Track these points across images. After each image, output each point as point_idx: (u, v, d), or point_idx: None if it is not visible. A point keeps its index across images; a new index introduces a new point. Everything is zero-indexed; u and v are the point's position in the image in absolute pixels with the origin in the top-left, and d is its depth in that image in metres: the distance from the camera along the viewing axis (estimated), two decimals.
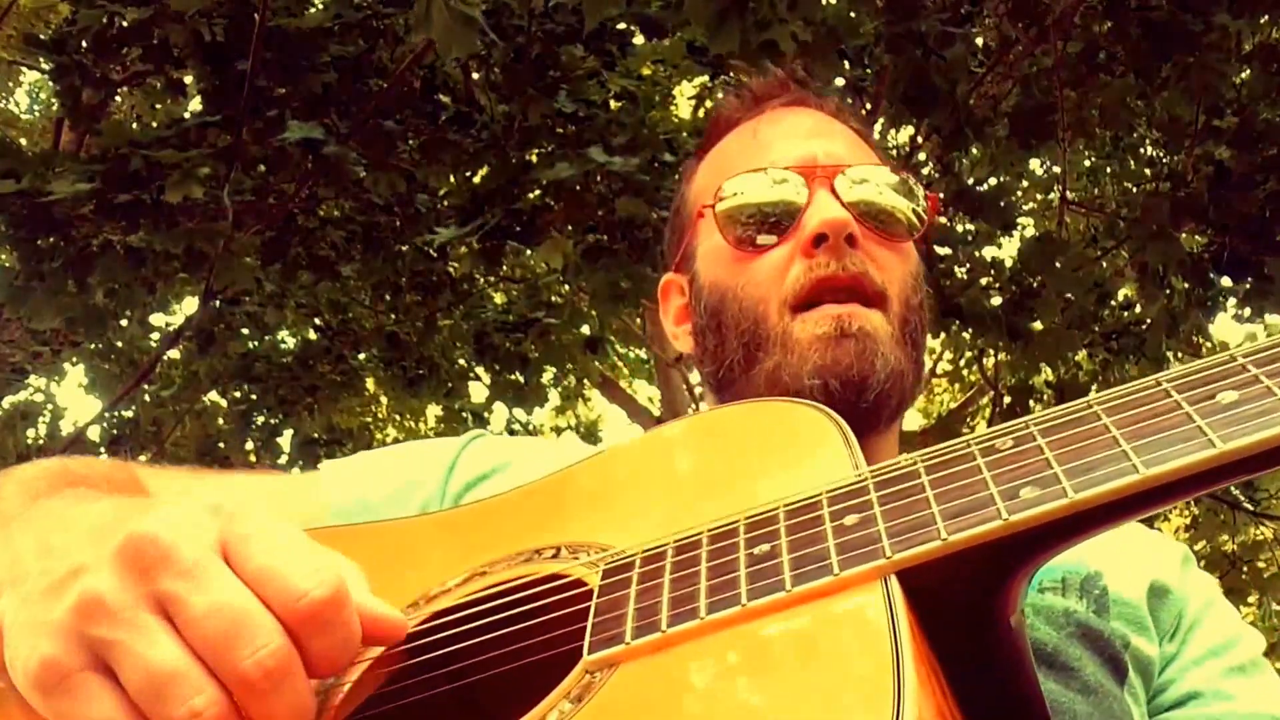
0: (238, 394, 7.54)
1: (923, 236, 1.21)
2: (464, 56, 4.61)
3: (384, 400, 9.68)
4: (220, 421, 8.16)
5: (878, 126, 6.71)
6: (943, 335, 5.28)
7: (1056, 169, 6.71)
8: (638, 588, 0.68)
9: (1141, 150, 7.16)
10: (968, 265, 5.45)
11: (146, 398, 7.92)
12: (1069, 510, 0.59)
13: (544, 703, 0.63)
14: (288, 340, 7.83)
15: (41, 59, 5.56)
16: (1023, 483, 0.61)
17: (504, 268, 6.54)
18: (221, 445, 7.97)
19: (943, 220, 5.87)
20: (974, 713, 0.65)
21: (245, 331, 7.13)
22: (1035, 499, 0.60)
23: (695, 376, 10.19)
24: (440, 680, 0.73)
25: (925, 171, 6.52)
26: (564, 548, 0.78)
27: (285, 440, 7.80)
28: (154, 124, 5.34)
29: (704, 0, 2.97)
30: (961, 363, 9.37)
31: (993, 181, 6.48)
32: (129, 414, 7.97)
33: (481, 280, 6.41)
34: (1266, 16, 4.44)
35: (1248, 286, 4.57)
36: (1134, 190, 6.78)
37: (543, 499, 0.88)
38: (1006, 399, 5.72)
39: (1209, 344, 5.95)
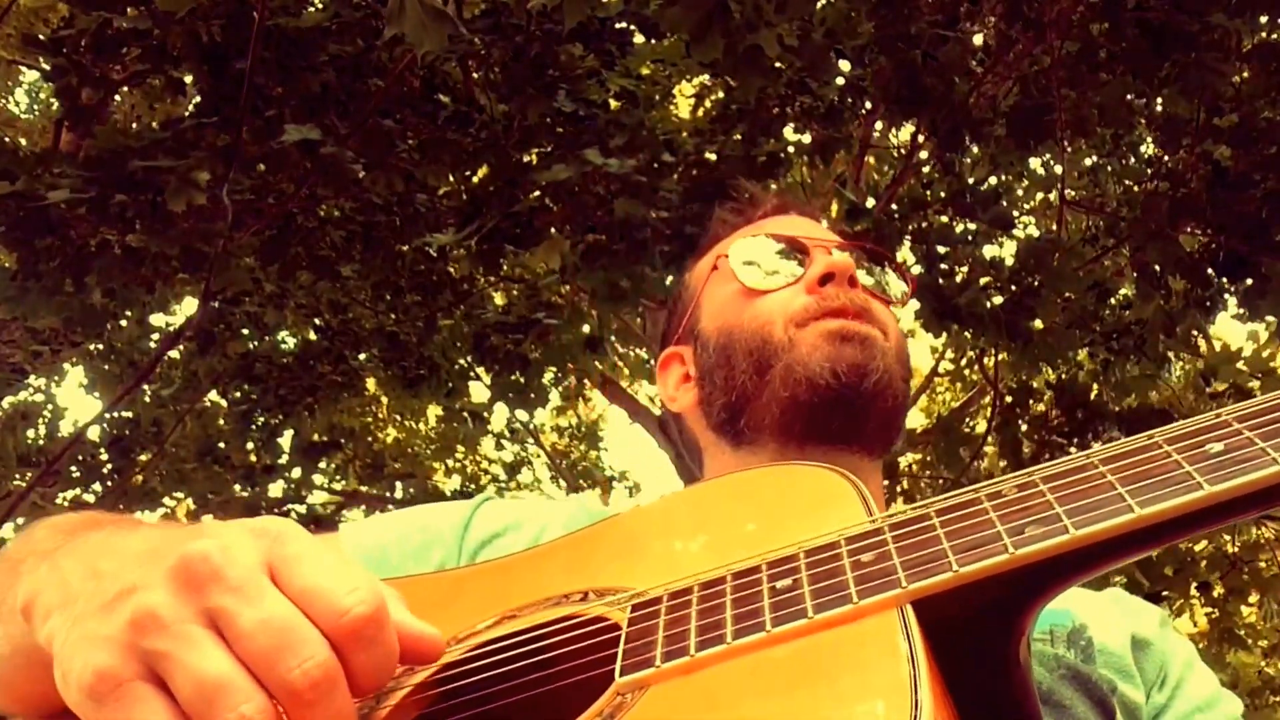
0: (238, 394, 7.54)
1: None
2: (463, 56, 4.62)
3: (384, 400, 9.68)
4: (220, 421, 8.17)
5: (878, 126, 6.71)
6: (943, 335, 5.27)
7: (1058, 168, 6.70)
8: (666, 618, 0.72)
9: (1141, 149, 7.15)
10: (968, 265, 5.45)
11: (147, 398, 7.93)
12: (1070, 546, 0.64)
13: None
14: (288, 340, 7.83)
15: (41, 59, 5.57)
16: (1027, 521, 0.67)
17: (504, 268, 6.54)
18: (222, 445, 7.97)
19: (943, 220, 5.87)
20: None
21: (245, 331, 7.13)
22: (1039, 535, 0.65)
23: None
24: (473, 704, 0.76)
25: (925, 171, 6.52)
26: (592, 592, 0.82)
27: (285, 440, 7.81)
28: (154, 124, 5.33)
29: (685, 8, 2.97)
30: (963, 363, 9.36)
31: (992, 181, 6.48)
32: (129, 414, 7.96)
33: (481, 281, 6.41)
34: (1265, 16, 4.43)
35: (1246, 286, 4.56)
36: (1135, 189, 6.77)
37: (570, 552, 0.92)
38: (1007, 398, 5.71)
39: (1209, 343, 5.94)
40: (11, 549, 0.93)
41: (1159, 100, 5.00)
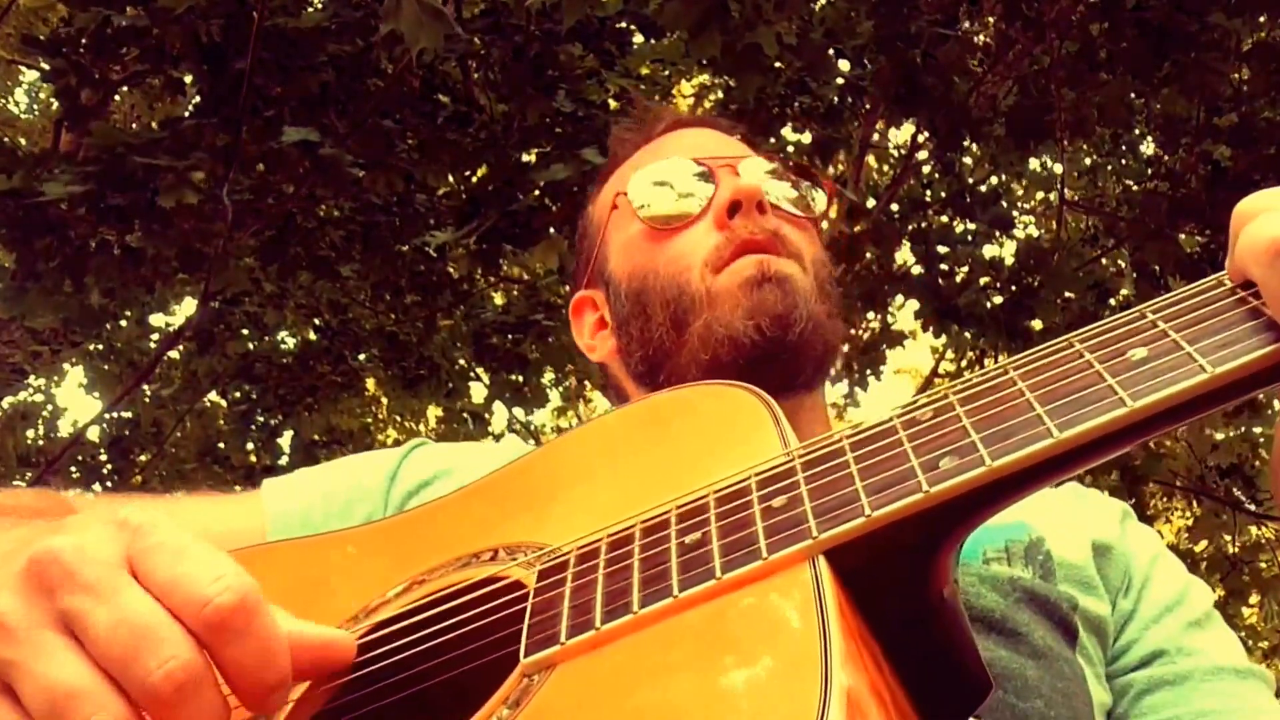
0: (238, 394, 7.55)
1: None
2: (462, 56, 4.62)
3: (384, 401, 9.68)
4: (220, 422, 8.17)
5: (878, 126, 6.71)
6: (943, 336, 5.27)
7: (1057, 168, 6.70)
8: (572, 585, 0.68)
9: (1141, 148, 7.15)
10: (968, 265, 5.45)
11: (146, 398, 7.93)
12: (988, 478, 0.60)
13: (483, 709, 0.63)
14: (288, 340, 7.83)
15: (40, 59, 5.57)
16: (942, 453, 0.62)
17: (503, 268, 6.54)
18: (221, 445, 7.97)
19: (943, 220, 5.87)
20: (916, 688, 0.65)
21: (245, 331, 7.14)
22: (954, 469, 0.61)
23: None
24: (388, 691, 0.73)
25: (925, 171, 6.52)
26: (501, 549, 0.78)
27: (285, 441, 7.81)
28: (153, 124, 5.34)
29: (684, 4, 2.97)
30: (963, 363, 9.36)
31: (992, 181, 6.48)
32: (129, 414, 7.97)
33: (481, 281, 6.41)
34: (1265, 16, 4.43)
35: None
36: (1134, 189, 6.77)
37: (480, 501, 0.88)
38: None
39: None
40: None
41: (1157, 100, 4.99)
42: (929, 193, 6.18)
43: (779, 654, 0.55)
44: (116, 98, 6.41)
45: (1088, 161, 7.64)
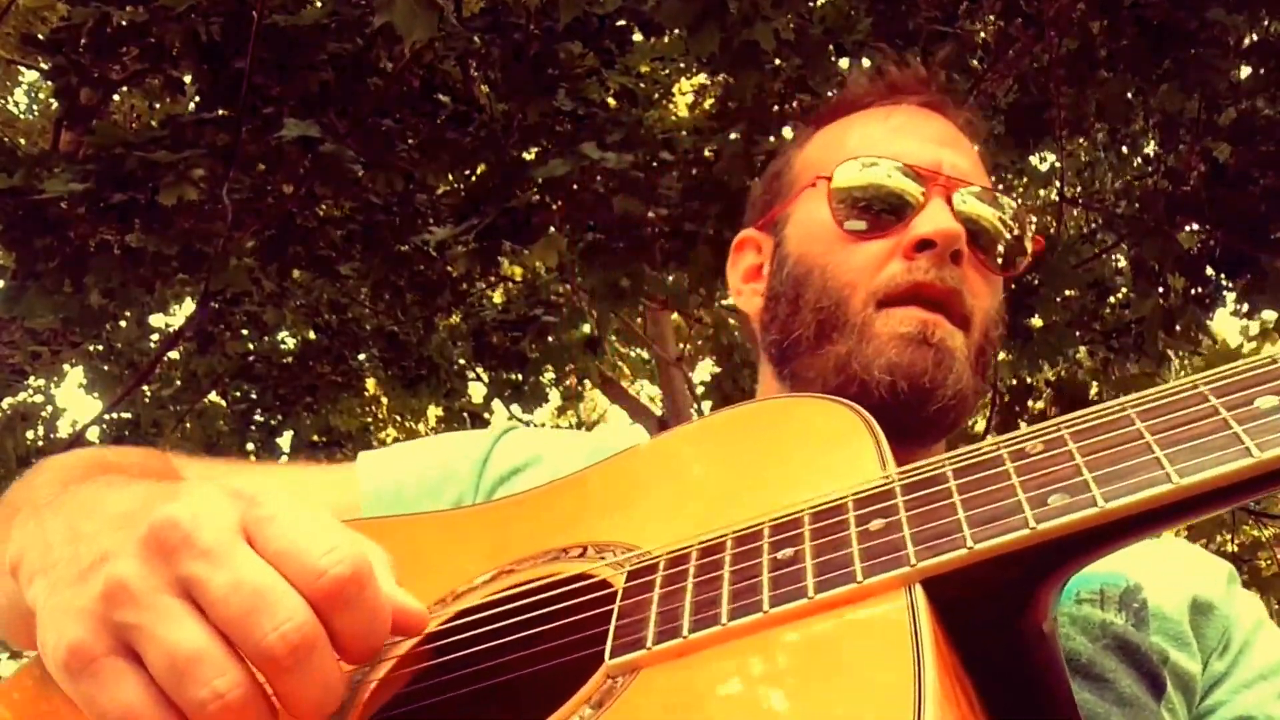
0: (238, 394, 7.56)
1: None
2: (462, 55, 4.62)
3: (384, 401, 9.68)
4: (220, 422, 8.17)
5: None
6: None
7: (1057, 163, 6.70)
8: (661, 591, 0.67)
9: (1141, 145, 7.16)
10: None
11: (146, 399, 7.93)
12: (1098, 520, 0.58)
13: (565, 707, 0.63)
14: (287, 340, 7.84)
15: (40, 59, 5.57)
16: (1052, 489, 0.60)
17: (503, 266, 6.54)
18: (221, 445, 7.98)
19: None
20: None
21: (245, 332, 7.14)
22: (1064, 507, 0.59)
23: (697, 376, 10.18)
24: (465, 680, 0.73)
25: None
26: (590, 547, 0.78)
27: (285, 441, 7.82)
28: (153, 123, 5.34)
29: (682, 2, 2.97)
30: None
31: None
32: (129, 415, 7.97)
33: (480, 281, 6.42)
34: (1265, 13, 4.43)
35: (1245, 282, 4.56)
36: (1134, 184, 6.78)
37: (572, 495, 0.88)
38: (1006, 397, 5.71)
39: (1209, 341, 5.94)
40: (14, 492, 0.91)
41: (1156, 98, 5.00)
42: None
43: (870, 683, 0.54)
44: (116, 97, 6.41)
45: (1086, 158, 7.65)
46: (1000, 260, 1.14)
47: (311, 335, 7.42)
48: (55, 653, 0.60)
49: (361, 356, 7.48)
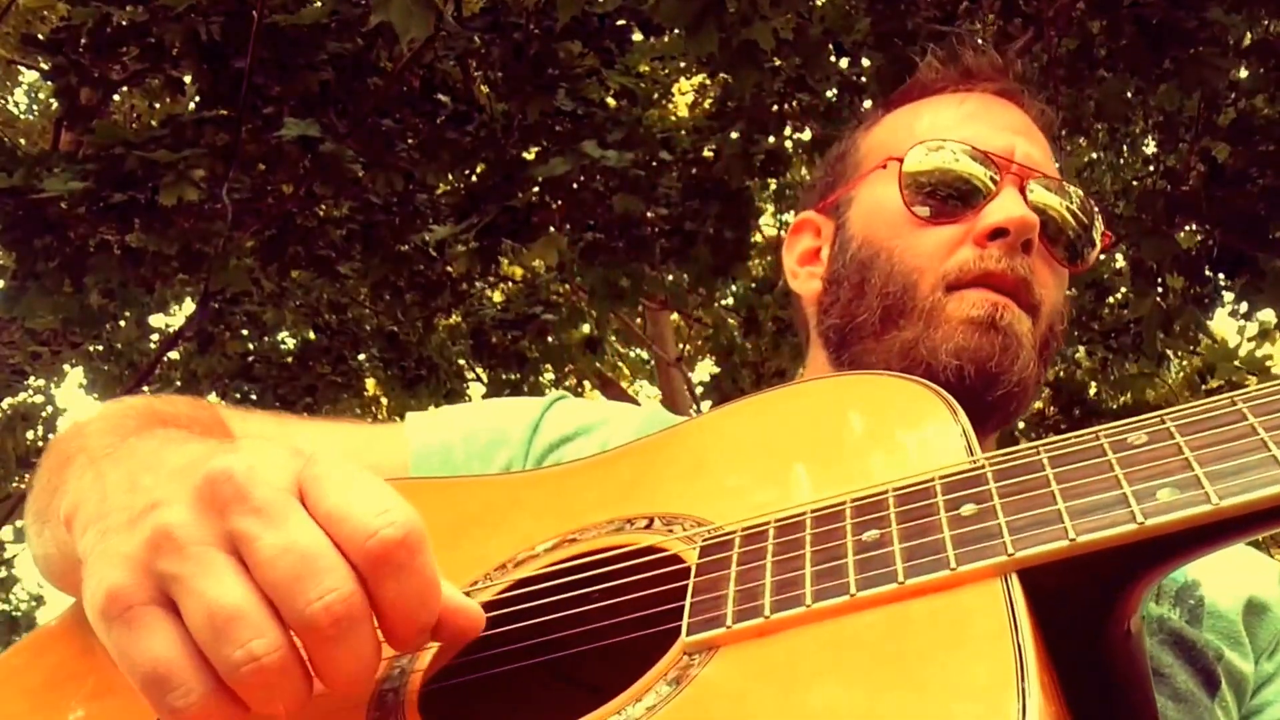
0: (238, 394, 7.55)
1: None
2: (462, 55, 4.62)
3: (384, 401, 9.68)
4: None
5: None
6: None
7: (1056, 163, 6.70)
8: (738, 568, 0.65)
9: (1140, 145, 7.16)
10: None
11: None
12: (1210, 518, 0.55)
13: (640, 682, 0.61)
14: (287, 340, 7.84)
15: (40, 59, 5.57)
16: (1161, 483, 0.57)
17: (503, 266, 6.54)
18: None
19: None
20: None
21: (245, 332, 7.15)
22: (1175, 503, 0.56)
23: (696, 376, 10.18)
24: (526, 651, 0.71)
25: None
26: (657, 518, 0.75)
27: None
28: (153, 123, 5.34)
29: (680, 1, 2.97)
30: None
31: None
32: None
33: (480, 280, 6.42)
34: (1264, 13, 4.43)
35: (1243, 282, 4.56)
36: (1134, 185, 6.78)
37: (635, 464, 0.85)
38: None
39: (1208, 340, 5.94)
40: (65, 440, 0.87)
41: (1155, 97, 5.00)
42: None
43: (967, 675, 0.52)
44: (116, 97, 6.42)
45: (1085, 158, 7.65)
46: (1067, 253, 1.12)
47: (311, 335, 7.43)
48: (93, 597, 0.59)
49: (361, 356, 7.49)
